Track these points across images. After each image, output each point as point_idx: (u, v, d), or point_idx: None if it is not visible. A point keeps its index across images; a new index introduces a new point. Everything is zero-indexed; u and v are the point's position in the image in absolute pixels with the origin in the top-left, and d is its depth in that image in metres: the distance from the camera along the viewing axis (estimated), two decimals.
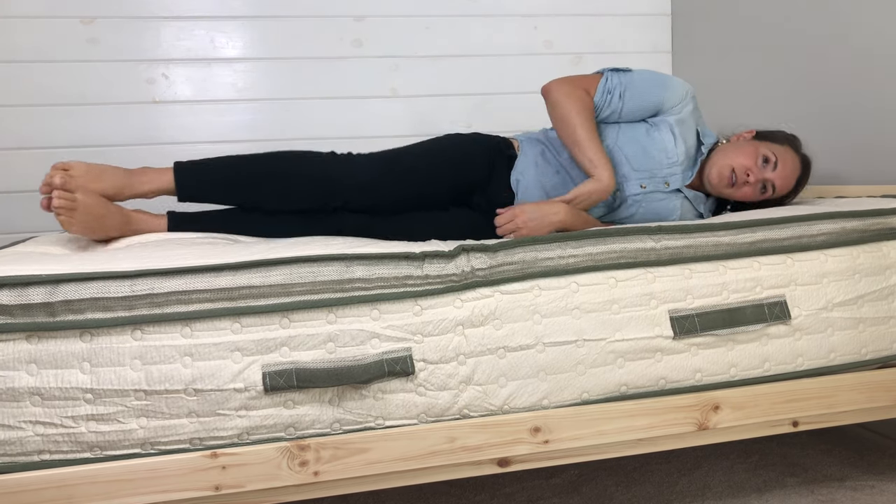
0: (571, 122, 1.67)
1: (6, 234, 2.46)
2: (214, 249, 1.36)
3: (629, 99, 1.75)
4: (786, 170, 1.76)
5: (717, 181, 1.77)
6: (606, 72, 1.77)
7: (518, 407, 1.31)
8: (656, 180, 1.75)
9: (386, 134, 2.70)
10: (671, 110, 1.78)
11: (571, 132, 1.67)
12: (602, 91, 1.74)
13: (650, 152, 1.75)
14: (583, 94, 1.71)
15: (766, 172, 1.75)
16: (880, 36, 1.96)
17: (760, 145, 1.77)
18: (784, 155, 1.77)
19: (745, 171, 1.74)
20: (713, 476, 1.72)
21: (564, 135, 1.70)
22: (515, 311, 1.32)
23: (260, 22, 2.62)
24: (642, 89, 1.76)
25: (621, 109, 1.76)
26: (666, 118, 1.78)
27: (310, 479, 1.24)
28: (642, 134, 1.77)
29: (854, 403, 1.46)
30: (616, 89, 1.74)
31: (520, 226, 1.59)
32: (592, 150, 1.65)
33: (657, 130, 1.77)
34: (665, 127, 1.77)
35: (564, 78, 1.74)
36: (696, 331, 1.38)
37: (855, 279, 1.47)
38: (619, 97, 1.75)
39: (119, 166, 1.64)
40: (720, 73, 2.68)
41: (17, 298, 1.14)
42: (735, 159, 1.75)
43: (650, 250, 1.39)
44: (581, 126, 1.66)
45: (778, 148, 1.78)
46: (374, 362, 1.24)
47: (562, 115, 1.69)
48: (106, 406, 1.17)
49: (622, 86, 1.75)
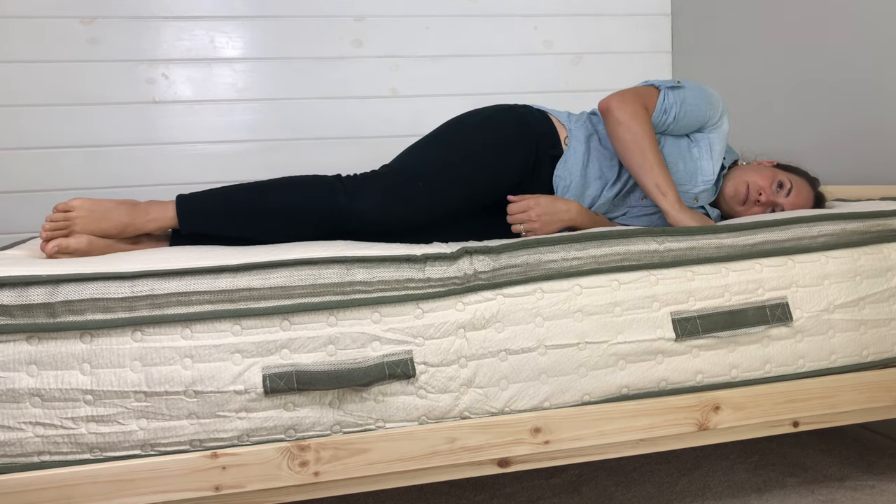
0: (640, 144, 1.60)
1: (6, 235, 2.46)
2: (214, 252, 1.36)
3: (682, 117, 1.71)
4: (799, 199, 1.74)
5: (731, 195, 1.76)
6: (663, 89, 1.71)
7: (519, 409, 1.31)
8: (688, 196, 1.73)
9: (386, 134, 2.70)
10: (712, 127, 1.76)
11: (640, 154, 1.60)
12: (660, 110, 1.69)
13: (689, 169, 1.73)
14: (645, 113, 1.64)
15: (779, 197, 1.73)
16: (880, 36, 1.96)
17: (778, 172, 1.76)
18: (799, 185, 1.75)
19: (759, 190, 1.72)
20: (713, 476, 1.72)
21: (629, 158, 1.62)
22: (518, 313, 1.31)
23: (260, 22, 2.62)
24: (694, 108, 1.71)
25: (672, 127, 1.73)
26: (707, 135, 1.76)
27: (310, 479, 1.24)
28: (685, 149, 1.75)
29: (854, 404, 1.46)
30: (672, 108, 1.69)
31: (533, 219, 1.57)
32: (663, 177, 1.60)
33: (697, 147, 1.75)
34: (705, 144, 1.75)
35: (623, 94, 1.66)
36: (698, 333, 1.38)
37: (856, 281, 1.47)
38: (673, 117, 1.70)
39: (125, 200, 1.56)
40: (720, 73, 2.68)
41: (17, 299, 1.14)
42: (751, 177, 1.75)
43: (653, 252, 1.39)
44: (650, 150, 1.60)
45: (795, 178, 1.76)
46: (375, 365, 1.24)
47: (629, 139, 1.61)
48: (106, 407, 1.17)
49: (677, 105, 1.69)
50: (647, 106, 1.67)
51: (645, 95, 1.68)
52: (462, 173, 1.63)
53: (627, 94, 1.66)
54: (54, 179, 2.49)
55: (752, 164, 1.83)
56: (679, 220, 1.58)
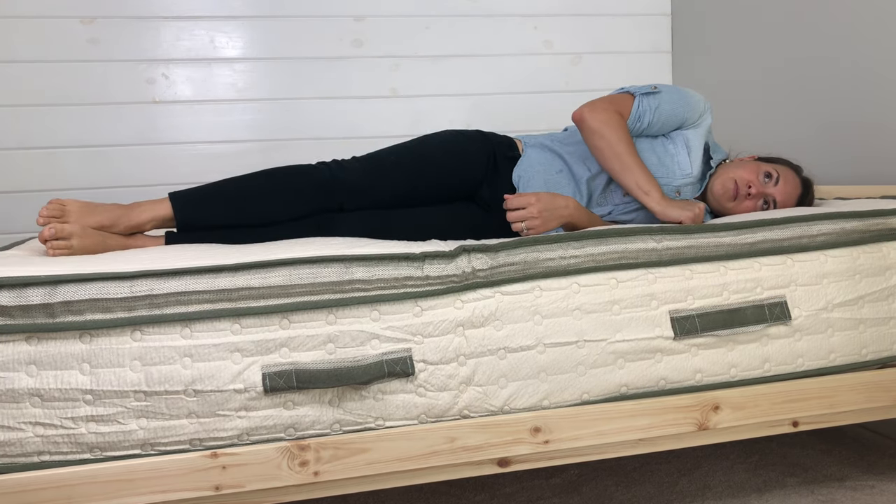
0: (616, 149, 1.65)
1: (6, 235, 2.46)
2: (213, 251, 1.36)
3: (656, 121, 1.76)
4: (787, 186, 1.76)
5: (720, 193, 1.78)
6: (638, 95, 1.76)
7: (518, 408, 1.31)
8: (669, 189, 1.76)
9: (386, 134, 2.70)
10: (691, 124, 1.81)
11: (617, 160, 1.66)
12: (634, 117, 1.74)
13: (664, 162, 1.77)
14: (619, 118, 1.70)
15: (768, 187, 1.75)
16: (881, 36, 1.96)
17: (762, 164, 1.79)
18: (786, 173, 1.78)
19: (748, 183, 1.74)
20: (713, 476, 1.72)
21: (607, 162, 1.68)
22: (516, 311, 1.32)
23: (260, 22, 2.62)
24: (668, 112, 1.77)
25: (647, 131, 1.78)
26: (683, 132, 1.81)
27: (310, 479, 1.24)
28: (658, 145, 1.79)
29: (854, 403, 1.46)
30: (645, 115, 1.75)
31: (535, 215, 1.57)
32: (643, 177, 1.65)
33: (672, 143, 1.80)
34: (680, 140, 1.79)
35: (595, 103, 1.72)
36: (697, 331, 1.38)
37: (855, 280, 1.47)
38: (647, 123, 1.76)
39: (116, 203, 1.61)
40: (720, 73, 2.68)
41: (16, 299, 1.14)
42: (737, 173, 1.77)
43: (651, 251, 1.39)
44: (627, 154, 1.66)
45: (779, 167, 1.79)
46: (374, 363, 1.24)
47: (604, 145, 1.67)
48: (106, 407, 1.17)
49: (650, 111, 1.75)
50: (620, 112, 1.72)
51: (618, 102, 1.74)
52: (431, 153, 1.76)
53: (598, 102, 1.72)
54: (54, 179, 2.50)
55: (734, 161, 1.85)
56: (666, 214, 1.60)
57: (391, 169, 1.72)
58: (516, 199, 1.58)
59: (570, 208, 1.61)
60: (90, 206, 1.56)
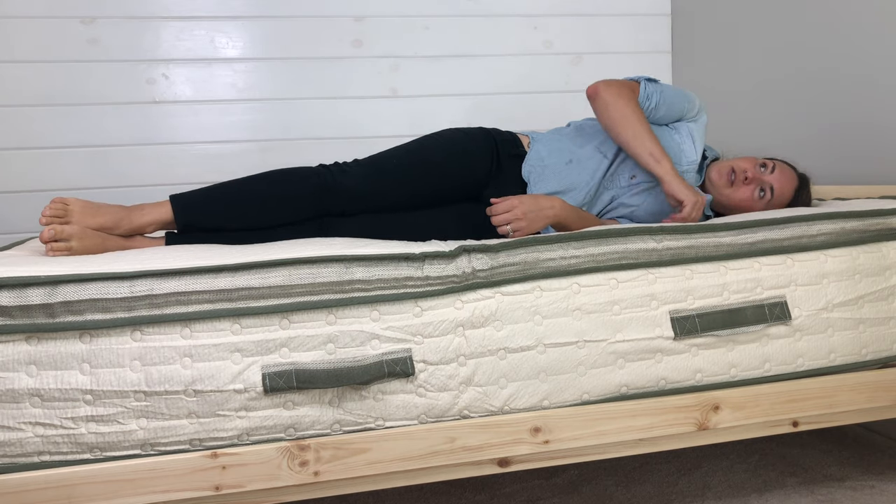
0: (629, 119, 1.71)
1: (6, 234, 2.46)
2: (213, 251, 1.36)
3: (661, 104, 1.81)
4: (784, 175, 1.80)
5: (717, 179, 1.82)
6: (642, 80, 1.82)
7: (518, 408, 1.31)
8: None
9: (386, 134, 2.70)
10: (691, 119, 1.87)
11: (630, 128, 1.71)
12: (643, 96, 1.79)
13: (671, 148, 1.81)
14: (632, 94, 1.76)
15: (765, 175, 1.79)
16: (881, 35, 1.96)
17: (758, 158, 1.84)
18: (781, 166, 1.83)
19: (743, 170, 1.79)
20: (713, 476, 1.72)
21: (620, 132, 1.72)
22: (516, 312, 1.32)
23: (260, 22, 2.62)
24: (672, 100, 1.82)
25: (654, 114, 1.82)
26: (686, 124, 1.86)
27: (310, 479, 1.24)
28: (665, 133, 1.84)
29: (854, 403, 1.46)
30: (654, 96, 1.80)
31: (519, 217, 1.58)
32: (656, 147, 1.69)
33: (677, 133, 1.85)
34: (685, 131, 1.85)
35: (608, 80, 1.78)
36: (697, 331, 1.38)
37: (855, 279, 1.47)
38: (655, 104, 1.80)
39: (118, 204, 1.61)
40: (720, 73, 2.68)
41: (16, 300, 1.14)
42: (734, 162, 1.82)
43: (651, 251, 1.39)
44: (639, 123, 1.71)
45: (775, 161, 1.84)
46: (374, 363, 1.24)
47: (618, 115, 1.72)
48: (106, 407, 1.17)
49: (657, 94, 1.80)
50: (631, 89, 1.78)
51: (628, 84, 1.80)
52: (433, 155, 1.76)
53: (613, 80, 1.79)
54: (54, 179, 2.50)
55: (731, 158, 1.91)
56: (675, 186, 1.64)
57: (393, 173, 1.72)
58: (500, 204, 1.58)
59: (555, 208, 1.61)
60: (93, 206, 1.56)
